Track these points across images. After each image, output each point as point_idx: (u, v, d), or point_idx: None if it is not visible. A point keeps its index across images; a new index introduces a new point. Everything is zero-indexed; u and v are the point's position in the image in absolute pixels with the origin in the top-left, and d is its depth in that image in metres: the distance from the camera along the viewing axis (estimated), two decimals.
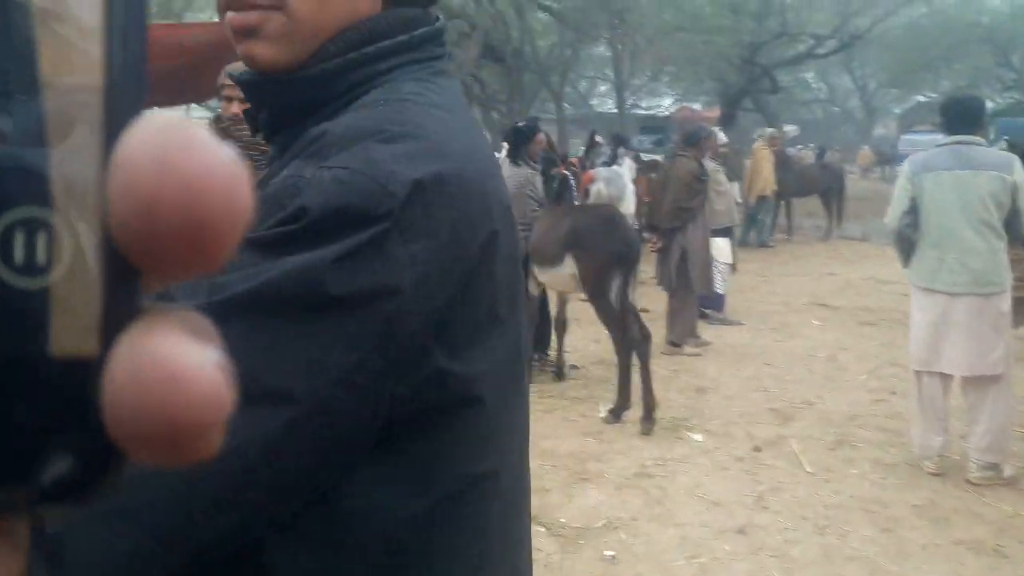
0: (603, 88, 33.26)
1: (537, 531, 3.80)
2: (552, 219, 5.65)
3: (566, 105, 29.14)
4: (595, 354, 6.57)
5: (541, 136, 6.55)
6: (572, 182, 6.04)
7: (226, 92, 2.89)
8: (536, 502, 3.98)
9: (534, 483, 3.65)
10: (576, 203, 6.07)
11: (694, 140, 6.85)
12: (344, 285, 0.64)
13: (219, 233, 0.17)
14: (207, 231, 0.17)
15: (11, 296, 0.16)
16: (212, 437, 0.17)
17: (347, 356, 0.65)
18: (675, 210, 6.59)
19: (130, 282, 0.18)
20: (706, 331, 7.39)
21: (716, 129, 7.69)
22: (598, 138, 12.87)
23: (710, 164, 7.17)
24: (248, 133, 2.64)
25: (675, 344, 6.80)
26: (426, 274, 0.68)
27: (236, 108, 2.83)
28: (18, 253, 0.17)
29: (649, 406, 5.04)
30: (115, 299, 0.17)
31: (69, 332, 0.17)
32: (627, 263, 5.23)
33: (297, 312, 0.64)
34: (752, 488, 4.28)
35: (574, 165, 6.48)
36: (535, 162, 6.20)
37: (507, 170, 6.40)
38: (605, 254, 5.28)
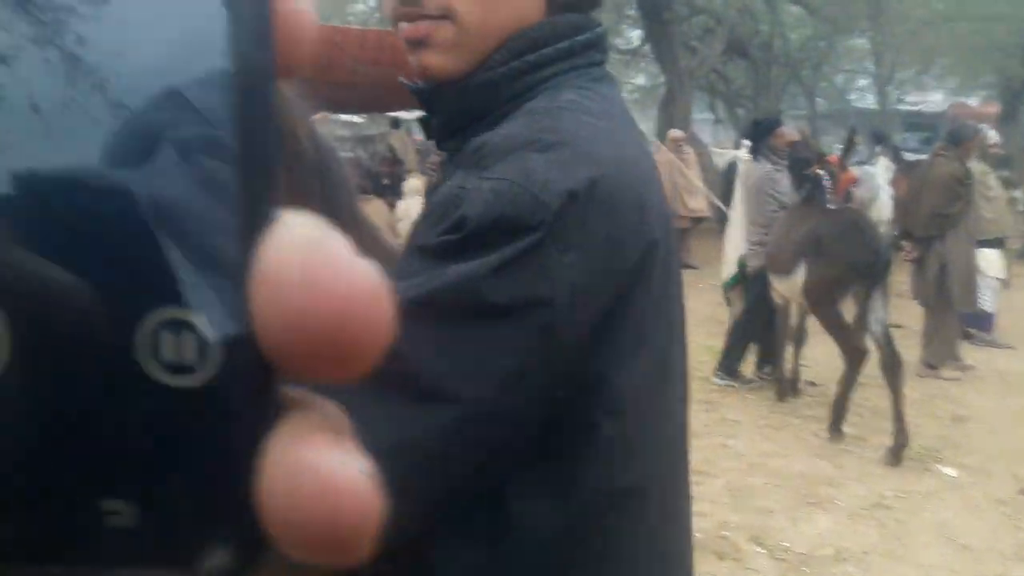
0: (863, 82, 30.99)
1: (756, 551, 3.63)
2: (791, 222, 5.30)
3: (820, 100, 27.53)
4: (838, 372, 6.12)
5: (784, 130, 6.20)
6: (826, 183, 5.60)
7: None
8: (756, 521, 3.80)
9: (757, 501, 3.50)
10: (830, 206, 5.60)
11: (957, 139, 6.16)
12: (502, 294, 0.67)
13: (365, 349, 0.18)
14: (353, 348, 0.17)
15: (163, 394, 0.17)
16: (365, 544, 0.18)
17: (508, 361, 0.68)
18: (932, 216, 5.97)
19: (274, 380, 0.18)
20: (970, 354, 6.65)
21: (986, 127, 6.84)
22: (856, 136, 12.02)
23: (978, 166, 6.43)
24: None
25: (932, 366, 6.17)
26: (581, 283, 0.68)
27: None
28: (168, 352, 0.17)
29: (898, 438, 4.59)
30: (260, 397, 0.18)
31: (220, 428, 0.18)
32: (869, 274, 4.77)
33: (460, 319, 0.68)
34: (1014, 536, 3.79)
35: (832, 164, 5.95)
36: (778, 158, 5.88)
37: (746, 167, 6.12)
38: (842, 263, 4.86)
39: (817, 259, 4.90)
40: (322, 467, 0.17)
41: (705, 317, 8.12)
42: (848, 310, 4.86)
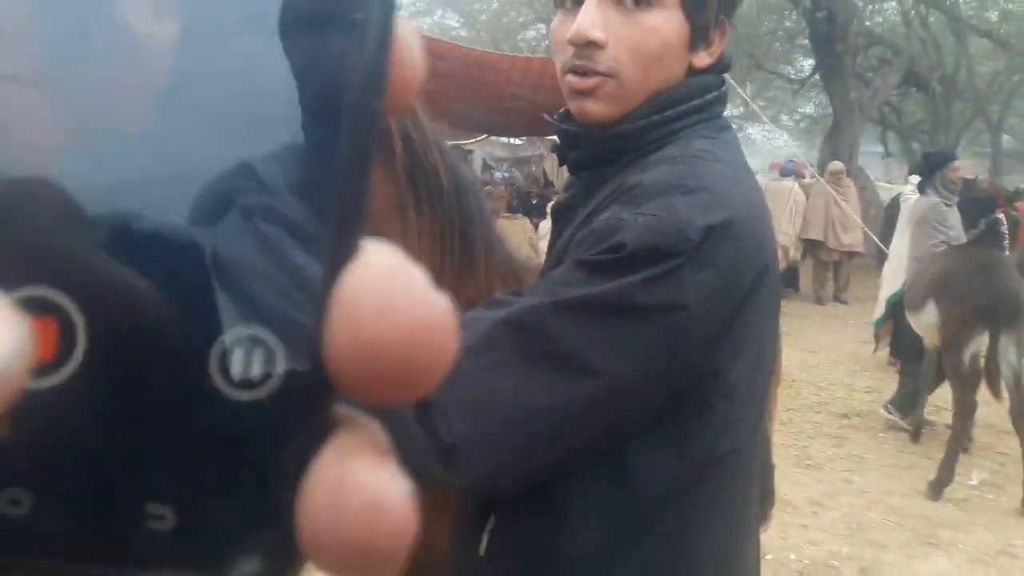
0: None
1: None
2: (939, 260, 5.21)
3: (1007, 137, 25.67)
4: (982, 416, 5.88)
5: (956, 164, 6.05)
6: (1003, 227, 5.29)
7: None
8: (869, 555, 3.82)
9: (873, 536, 3.61)
10: (1006, 251, 5.38)
11: None
12: (646, 299, 0.87)
13: (429, 375, 0.19)
14: (420, 375, 0.19)
15: (227, 406, 0.18)
16: (398, 561, 0.18)
17: (644, 351, 0.90)
18: None
19: (330, 400, 0.19)
20: None
21: None
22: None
23: None
24: None
25: None
26: (710, 296, 0.90)
27: None
28: (236, 367, 0.18)
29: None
30: (317, 415, 0.19)
31: (273, 442, 0.19)
32: (993, 318, 4.60)
33: (615, 316, 0.88)
34: None
35: (1020, 210, 5.56)
36: (949, 193, 5.73)
37: (913, 200, 5.91)
38: (966, 305, 4.71)
39: (943, 298, 4.82)
40: (369, 484, 0.18)
41: (847, 354, 7.94)
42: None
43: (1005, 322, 4.62)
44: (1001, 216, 5.46)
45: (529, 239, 7.32)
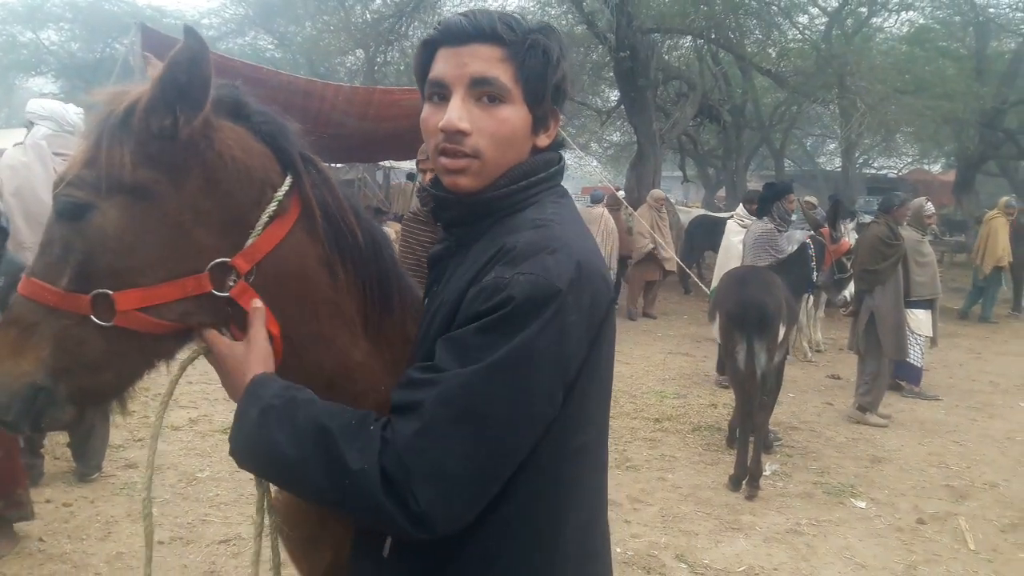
0: (832, 145, 32.12)
1: (679, 567, 4.10)
2: (723, 279, 6.03)
3: (789, 162, 28.48)
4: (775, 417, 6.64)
5: (792, 196, 6.81)
6: (811, 252, 5.92)
7: (423, 165, 3.57)
8: (683, 543, 4.28)
9: (686, 526, 4.09)
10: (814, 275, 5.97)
11: (887, 207, 6.89)
12: (544, 342, 1.13)
13: None
14: None
15: None
16: None
17: (550, 381, 1.16)
18: (861, 272, 6.58)
19: None
20: (898, 403, 7.22)
21: (923, 199, 7.47)
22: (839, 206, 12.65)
23: (913, 234, 7.04)
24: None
25: (862, 410, 6.71)
26: (581, 329, 1.17)
27: (430, 177, 3.49)
28: None
29: (753, 473, 5.13)
30: None
31: None
32: (746, 327, 5.27)
33: (524, 365, 1.12)
34: (905, 557, 4.29)
35: (823, 235, 6.20)
36: (782, 221, 6.52)
37: (750, 223, 6.60)
38: (724, 315, 5.44)
39: (716, 310, 5.63)
40: None
41: (657, 364, 8.67)
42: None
43: (753, 330, 5.27)
44: (808, 241, 6.09)
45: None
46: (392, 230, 8.58)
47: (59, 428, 1.26)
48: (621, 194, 12.10)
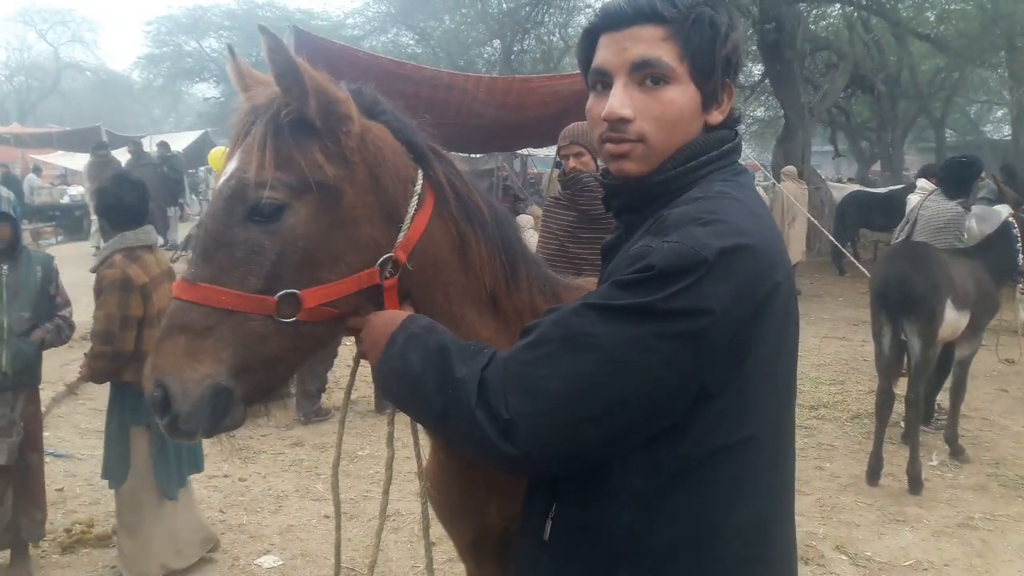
0: (1000, 112, 29.66)
1: (838, 559, 3.94)
2: None
3: (950, 132, 26.54)
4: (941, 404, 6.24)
5: (984, 174, 6.15)
6: (1015, 231, 5.24)
7: (564, 151, 3.53)
8: (843, 534, 4.11)
9: (846, 517, 3.92)
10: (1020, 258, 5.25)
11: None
12: (668, 305, 1.06)
13: None
14: None
15: None
16: None
17: (670, 347, 1.07)
18: None
19: None
20: None
21: None
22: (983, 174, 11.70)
23: None
24: (581, 190, 3.26)
25: None
26: (729, 304, 1.10)
27: (573, 163, 3.46)
28: None
29: (910, 473, 4.79)
30: None
31: None
32: (890, 306, 4.78)
33: (637, 318, 1.08)
34: None
35: None
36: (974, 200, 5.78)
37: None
38: (872, 294, 4.93)
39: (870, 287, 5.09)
40: None
41: (810, 348, 8.31)
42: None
43: (900, 310, 4.75)
44: (1011, 219, 5.46)
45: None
46: (532, 216, 8.68)
47: (233, 428, 1.29)
48: (763, 173, 11.67)
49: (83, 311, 4.26)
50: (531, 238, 4.31)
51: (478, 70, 21.19)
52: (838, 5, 15.42)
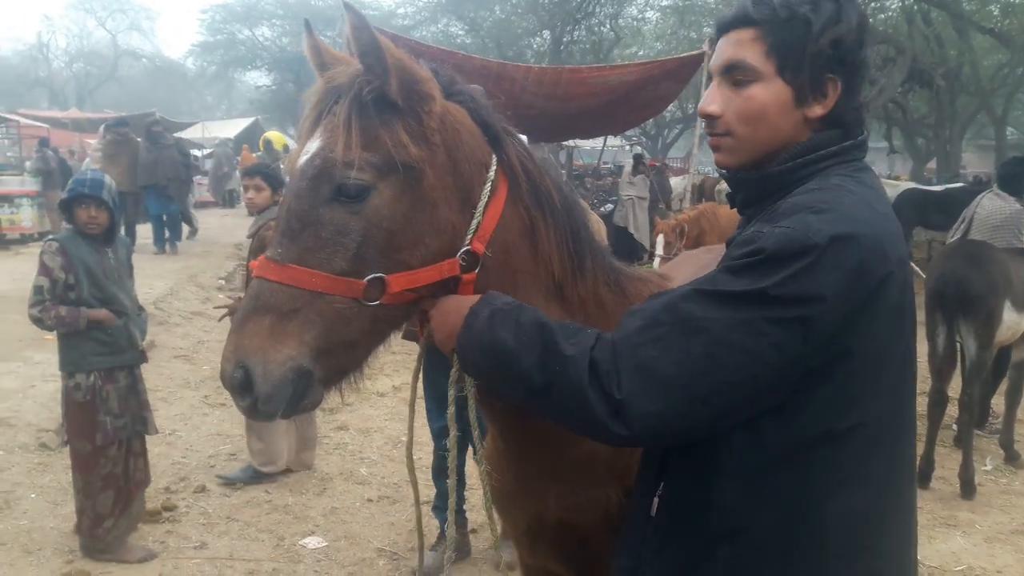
0: None
1: None
2: None
3: (1011, 130, 25.76)
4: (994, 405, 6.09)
5: None
6: None
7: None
8: None
9: None
10: None
11: None
12: (779, 291, 1.09)
13: None
14: None
15: None
16: None
17: (779, 332, 1.11)
18: None
19: None
20: None
21: None
22: None
23: None
24: None
25: None
26: (840, 291, 1.11)
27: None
28: None
29: (963, 477, 4.65)
30: None
31: None
32: (946, 306, 4.60)
33: (746, 303, 1.11)
34: None
35: None
36: None
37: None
38: (927, 293, 4.72)
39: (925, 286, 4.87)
40: None
41: None
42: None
43: (956, 309, 4.61)
44: None
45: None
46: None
47: (311, 409, 1.30)
48: None
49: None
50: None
51: (527, 61, 21.19)
52: None
